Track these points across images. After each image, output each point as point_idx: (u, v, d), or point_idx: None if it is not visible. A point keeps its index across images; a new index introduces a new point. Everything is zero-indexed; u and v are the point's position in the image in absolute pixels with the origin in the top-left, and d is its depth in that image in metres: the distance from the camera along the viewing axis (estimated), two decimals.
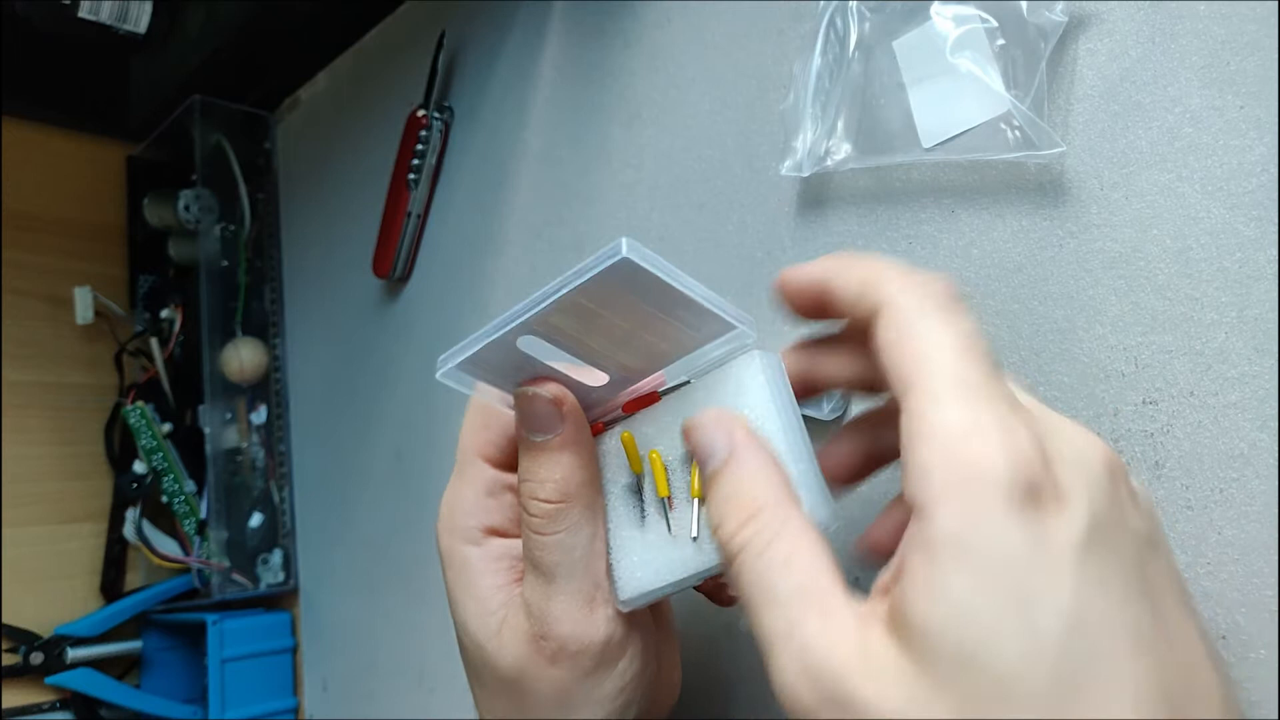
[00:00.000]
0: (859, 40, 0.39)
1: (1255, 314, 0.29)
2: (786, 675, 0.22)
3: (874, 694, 0.20)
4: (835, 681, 0.21)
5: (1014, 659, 0.19)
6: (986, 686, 0.19)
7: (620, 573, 0.30)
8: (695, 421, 0.28)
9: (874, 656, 0.21)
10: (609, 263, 0.25)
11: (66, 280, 0.81)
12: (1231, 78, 0.30)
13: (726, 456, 0.26)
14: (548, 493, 0.30)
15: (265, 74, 0.79)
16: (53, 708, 0.73)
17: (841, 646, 0.21)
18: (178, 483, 0.76)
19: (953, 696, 0.20)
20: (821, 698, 0.21)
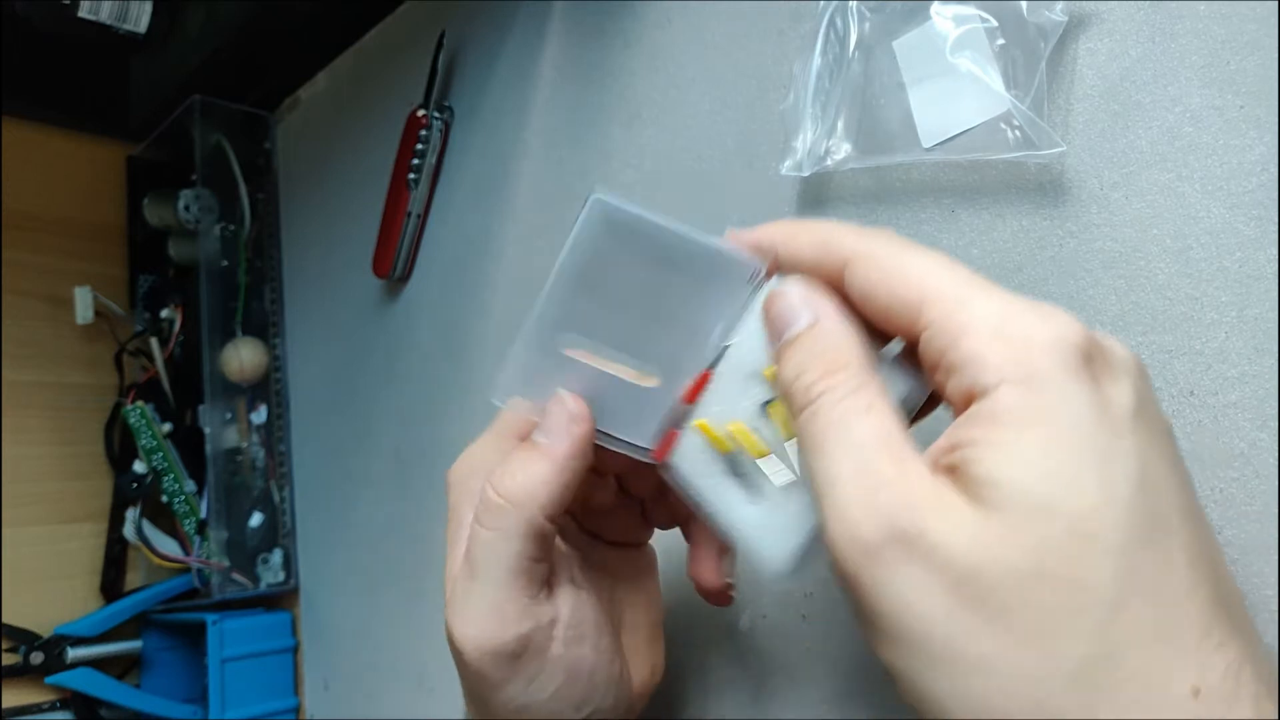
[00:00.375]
0: (859, 40, 0.39)
1: (1255, 314, 0.29)
2: (852, 511, 0.22)
3: (944, 532, 0.20)
4: (906, 517, 0.21)
5: (1090, 508, 0.20)
6: (1063, 534, 0.20)
7: (765, 551, 0.29)
8: (777, 291, 0.27)
9: (946, 499, 0.21)
10: (584, 212, 0.26)
11: (66, 280, 0.81)
12: (1231, 77, 0.30)
13: (812, 320, 0.26)
14: (505, 487, 0.30)
15: (265, 74, 0.79)
16: (53, 707, 0.73)
17: (917, 486, 0.21)
18: (178, 482, 0.76)
19: (1023, 543, 0.20)
20: (887, 533, 0.21)
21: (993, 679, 0.20)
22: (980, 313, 0.23)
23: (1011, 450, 0.21)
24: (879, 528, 0.21)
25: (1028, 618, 0.20)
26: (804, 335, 0.26)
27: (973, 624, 0.20)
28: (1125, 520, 0.20)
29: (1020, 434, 0.21)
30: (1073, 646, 0.19)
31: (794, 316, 0.26)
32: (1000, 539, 0.20)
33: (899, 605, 0.21)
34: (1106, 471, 0.20)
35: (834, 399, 0.24)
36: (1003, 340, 0.22)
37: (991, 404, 0.21)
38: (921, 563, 0.20)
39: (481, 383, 0.59)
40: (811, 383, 0.24)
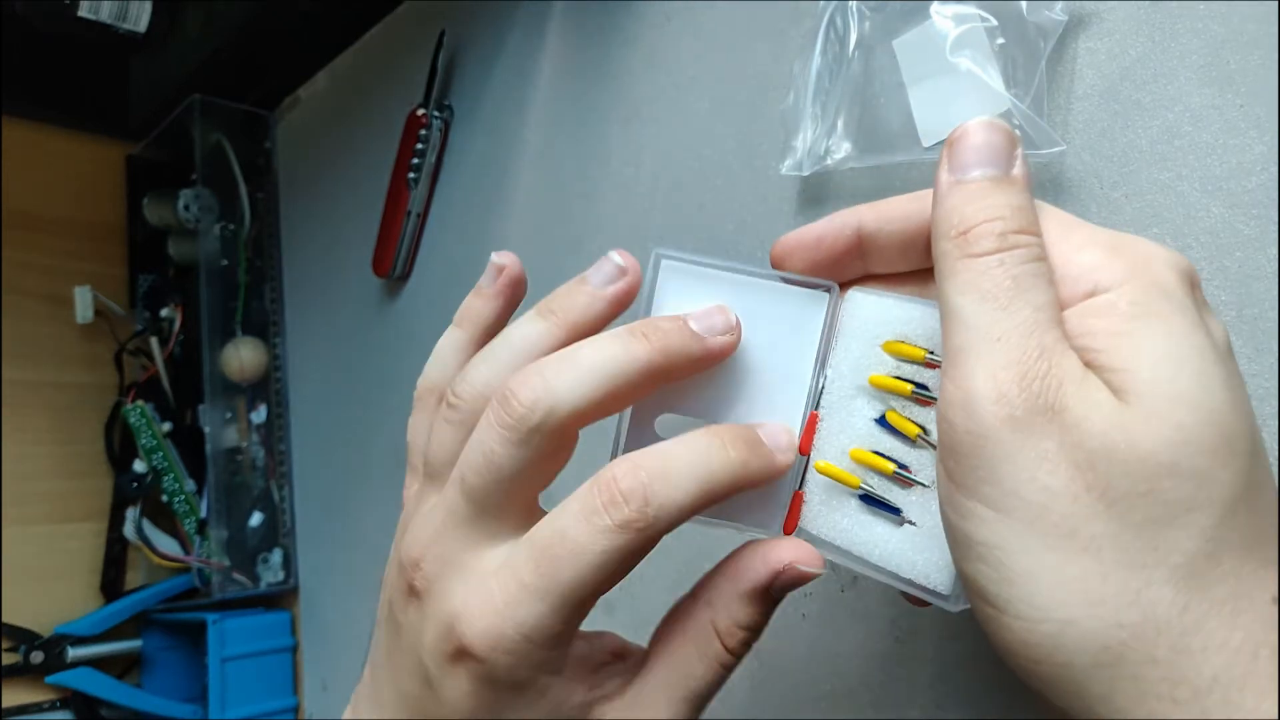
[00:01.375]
0: (859, 39, 0.39)
1: (1254, 313, 0.29)
2: (1009, 370, 0.21)
3: (1085, 411, 0.20)
4: (1059, 391, 0.20)
5: (1226, 407, 0.20)
6: (1201, 425, 0.20)
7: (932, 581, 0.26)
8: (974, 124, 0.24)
9: (1091, 381, 0.21)
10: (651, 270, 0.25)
11: (66, 279, 0.81)
12: (1231, 76, 0.30)
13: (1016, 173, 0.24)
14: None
15: (265, 73, 0.79)
16: (53, 707, 0.73)
17: (1072, 364, 0.21)
18: (178, 482, 0.76)
19: (1163, 429, 0.19)
20: (1035, 401, 0.20)
21: (1098, 560, 0.19)
22: (1095, 235, 0.23)
23: (1143, 341, 0.20)
24: (1031, 394, 0.20)
25: (1149, 507, 0.19)
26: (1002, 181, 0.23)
27: (1095, 504, 0.20)
28: (1249, 427, 0.20)
29: (1148, 326, 0.21)
30: (1185, 541, 0.19)
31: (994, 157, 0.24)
32: (1141, 427, 0.20)
33: (1025, 474, 0.20)
34: (1229, 382, 0.20)
35: (1026, 256, 0.22)
36: (1118, 253, 0.22)
37: (1114, 297, 0.21)
38: (1058, 436, 0.20)
39: None
40: (1007, 231, 0.22)
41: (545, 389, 0.24)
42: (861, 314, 0.27)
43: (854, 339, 0.28)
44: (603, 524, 0.23)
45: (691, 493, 0.24)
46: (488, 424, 0.24)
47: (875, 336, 0.27)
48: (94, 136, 0.86)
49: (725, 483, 0.25)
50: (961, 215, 0.23)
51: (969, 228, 0.23)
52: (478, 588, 0.24)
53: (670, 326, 0.26)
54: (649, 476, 0.24)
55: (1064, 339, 0.21)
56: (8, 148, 0.79)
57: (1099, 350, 0.21)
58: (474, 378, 0.26)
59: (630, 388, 0.25)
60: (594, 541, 0.23)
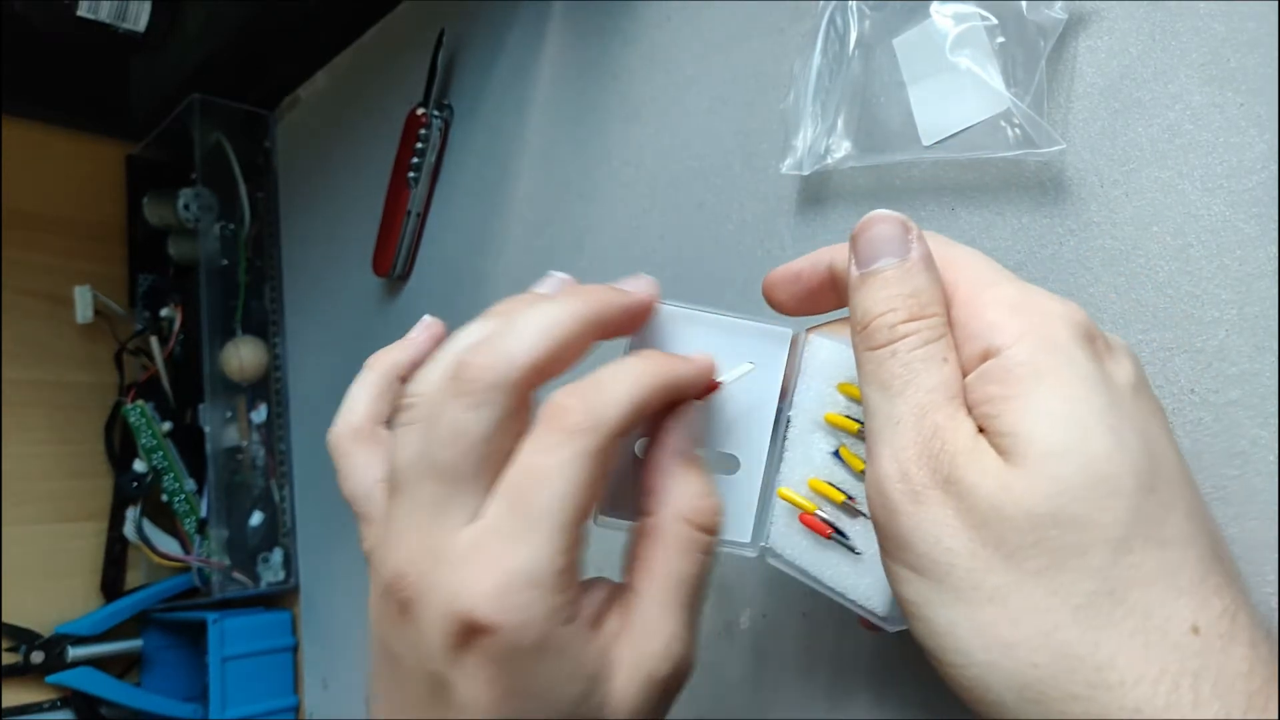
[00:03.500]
0: (859, 38, 0.39)
1: (1255, 311, 0.29)
2: (908, 451, 0.23)
3: (975, 478, 0.22)
4: (950, 464, 0.23)
5: (1103, 453, 0.21)
6: (1076, 474, 0.21)
7: (876, 606, 0.29)
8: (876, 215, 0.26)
9: (980, 450, 0.23)
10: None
11: (66, 279, 0.81)
12: (1232, 75, 0.30)
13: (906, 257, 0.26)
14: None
15: (265, 73, 0.79)
16: (53, 706, 0.73)
17: (963, 438, 0.23)
18: (178, 481, 0.76)
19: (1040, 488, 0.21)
20: (933, 478, 0.23)
21: (1004, 608, 0.21)
22: (1002, 292, 0.25)
23: (1028, 403, 0.22)
24: (928, 471, 0.23)
25: (1041, 555, 0.21)
26: (896, 271, 0.25)
27: (991, 559, 0.21)
28: (1132, 467, 0.21)
29: (1035, 386, 0.22)
30: (1079, 582, 0.21)
31: (890, 247, 0.26)
32: (1022, 485, 0.21)
33: (929, 540, 0.22)
34: (1116, 426, 0.22)
35: (916, 343, 0.24)
36: (1018, 311, 0.24)
37: (1006, 360, 0.23)
38: (954, 504, 0.22)
39: None
40: (897, 323, 0.25)
41: (496, 351, 0.25)
42: (820, 356, 0.30)
43: (815, 379, 0.30)
44: (554, 441, 0.24)
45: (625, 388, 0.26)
46: (447, 399, 0.24)
47: (831, 378, 0.30)
48: (94, 136, 0.86)
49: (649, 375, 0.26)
50: (863, 310, 0.26)
51: (867, 323, 0.25)
52: (466, 561, 0.23)
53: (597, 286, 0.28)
54: (582, 388, 0.25)
55: (958, 412, 0.24)
56: (7, 147, 0.79)
57: (994, 416, 0.23)
58: (428, 375, 0.25)
59: (574, 338, 0.26)
60: (554, 459, 0.24)
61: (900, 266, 0.25)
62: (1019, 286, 0.25)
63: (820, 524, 0.30)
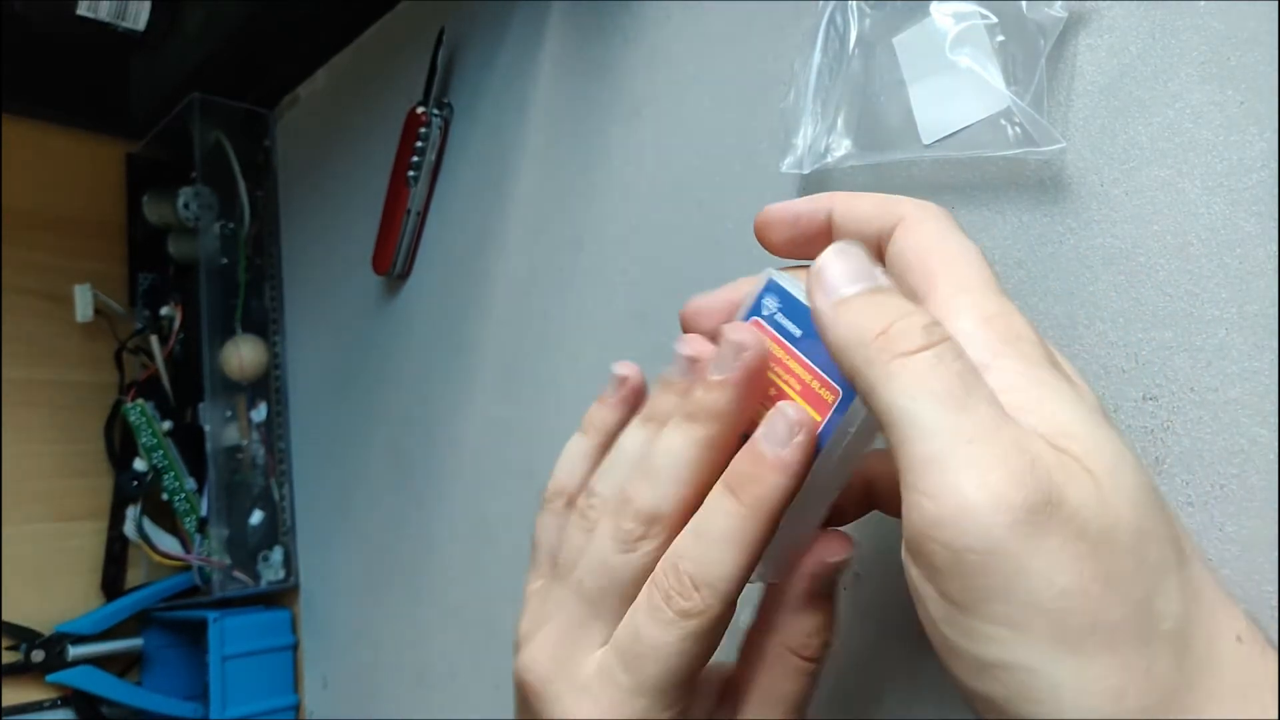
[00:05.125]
0: (859, 37, 0.39)
1: (1255, 310, 0.29)
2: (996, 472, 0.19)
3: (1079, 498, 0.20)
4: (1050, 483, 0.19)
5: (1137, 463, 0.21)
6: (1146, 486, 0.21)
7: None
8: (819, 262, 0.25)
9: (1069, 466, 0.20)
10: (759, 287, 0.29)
11: (66, 278, 0.81)
12: (1232, 73, 0.30)
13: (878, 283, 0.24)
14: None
15: (264, 71, 0.79)
16: (54, 705, 0.73)
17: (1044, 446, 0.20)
18: (178, 480, 0.76)
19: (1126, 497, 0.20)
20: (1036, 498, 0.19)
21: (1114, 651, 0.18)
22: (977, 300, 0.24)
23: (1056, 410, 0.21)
24: (1030, 491, 0.19)
25: (1144, 579, 0.19)
26: (886, 290, 0.24)
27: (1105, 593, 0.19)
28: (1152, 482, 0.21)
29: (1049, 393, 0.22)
30: (1170, 604, 0.19)
31: (864, 273, 0.24)
32: (1114, 498, 0.19)
33: (1040, 582, 0.19)
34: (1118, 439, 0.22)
35: (956, 349, 0.22)
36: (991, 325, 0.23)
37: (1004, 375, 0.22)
38: (1059, 532, 0.19)
39: (482, 380, 0.59)
40: (929, 323, 0.22)
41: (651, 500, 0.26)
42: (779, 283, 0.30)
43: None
44: (667, 618, 0.25)
45: (733, 559, 0.25)
46: (604, 534, 0.27)
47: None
48: (93, 135, 0.86)
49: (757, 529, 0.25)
50: (870, 319, 0.23)
51: (886, 327, 0.22)
52: (583, 694, 0.26)
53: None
54: (691, 565, 0.25)
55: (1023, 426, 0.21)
56: (7, 146, 0.79)
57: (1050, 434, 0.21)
58: (599, 489, 0.28)
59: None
60: (667, 635, 0.25)
61: (884, 289, 0.24)
62: (1000, 302, 0.24)
63: None
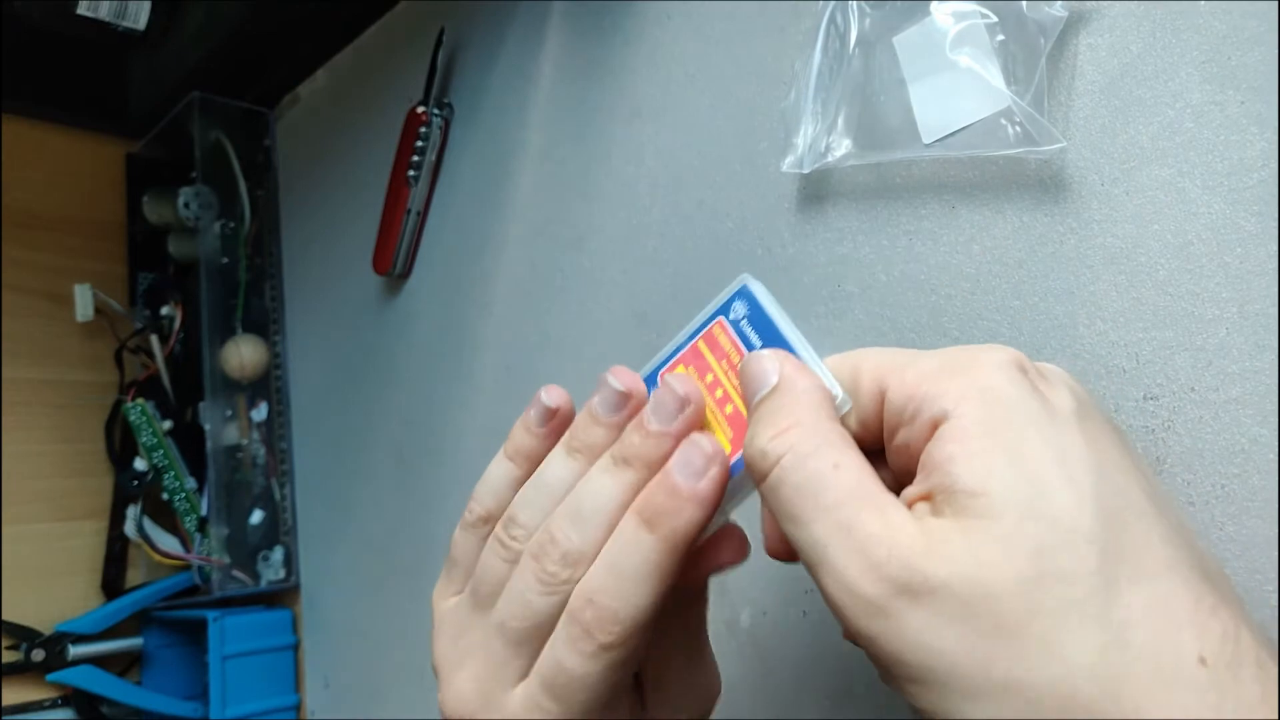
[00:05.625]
0: (859, 37, 0.39)
1: (1256, 309, 0.29)
2: (849, 574, 0.22)
3: (945, 569, 0.21)
4: (904, 568, 0.21)
5: (1067, 505, 0.21)
6: (1048, 534, 0.20)
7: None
8: (750, 356, 0.27)
9: (936, 536, 0.21)
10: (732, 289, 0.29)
11: (66, 277, 0.81)
12: (1233, 73, 0.30)
13: (776, 381, 0.26)
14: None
15: (265, 71, 0.79)
16: (54, 704, 0.73)
17: (904, 534, 0.22)
18: (178, 480, 0.76)
19: (1020, 549, 0.20)
20: (891, 589, 0.21)
21: (1022, 695, 0.20)
22: (926, 363, 0.25)
23: (988, 457, 0.22)
24: (879, 584, 0.21)
25: (1038, 624, 0.20)
26: (766, 398, 0.26)
27: (992, 649, 0.20)
28: (1092, 508, 0.21)
29: (991, 443, 0.22)
30: (1084, 639, 0.20)
31: (762, 379, 0.26)
32: (999, 550, 0.21)
33: (918, 651, 0.21)
34: (1066, 466, 0.21)
35: (799, 457, 0.24)
36: (949, 374, 0.24)
37: (956, 421, 0.23)
38: (929, 605, 0.21)
39: (482, 380, 0.59)
40: (769, 440, 0.24)
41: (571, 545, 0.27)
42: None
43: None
44: (589, 651, 0.26)
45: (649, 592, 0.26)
46: (527, 574, 0.28)
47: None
48: (93, 134, 0.86)
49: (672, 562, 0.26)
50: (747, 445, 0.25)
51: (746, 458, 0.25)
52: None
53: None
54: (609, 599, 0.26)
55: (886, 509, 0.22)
56: (7, 146, 0.79)
57: (955, 475, 0.22)
58: (522, 520, 0.29)
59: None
60: (590, 666, 0.26)
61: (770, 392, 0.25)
62: (938, 352, 0.25)
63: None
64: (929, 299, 0.37)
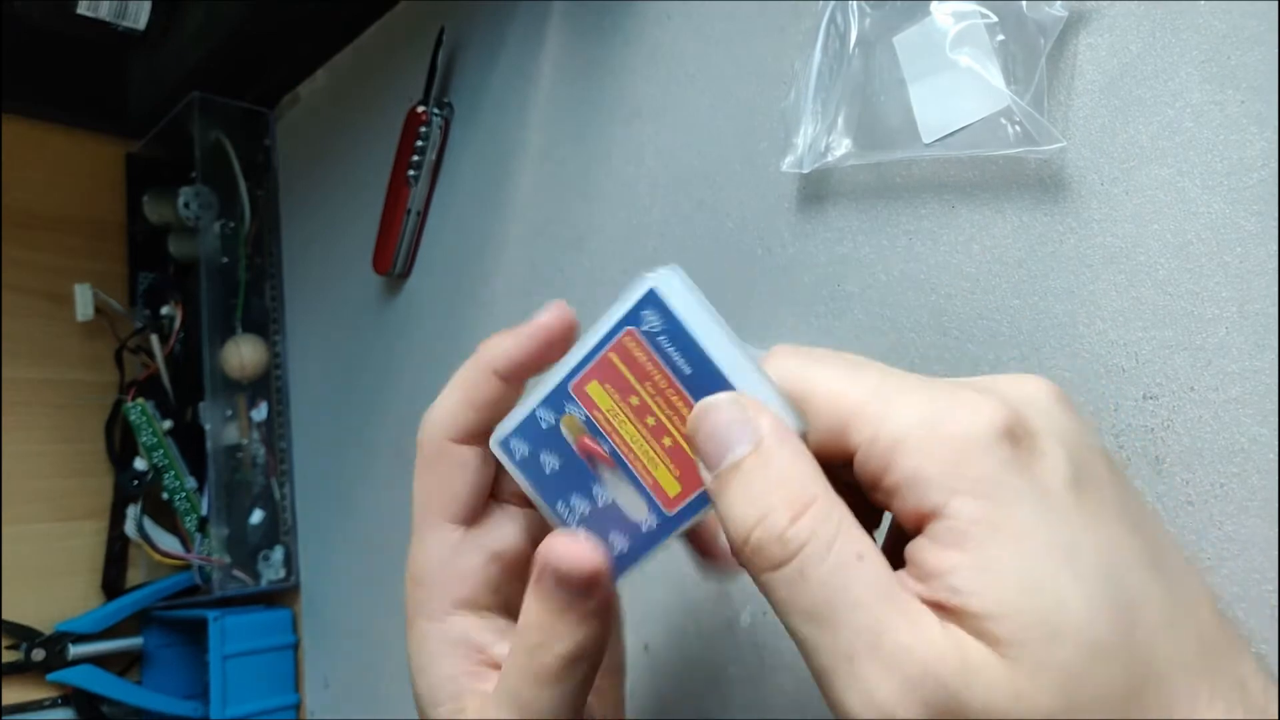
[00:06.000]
0: (859, 36, 0.39)
1: (1256, 309, 0.29)
2: (880, 693, 0.19)
3: (981, 697, 0.19)
4: (940, 689, 0.19)
5: (1083, 615, 0.19)
6: (1073, 658, 0.19)
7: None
8: (709, 403, 0.23)
9: (969, 655, 0.19)
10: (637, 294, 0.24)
11: (67, 277, 0.81)
12: (1232, 72, 0.30)
13: (757, 442, 0.22)
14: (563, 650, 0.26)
15: (264, 70, 0.79)
16: (54, 704, 0.73)
17: (936, 648, 0.19)
18: (179, 479, 0.76)
19: (1050, 681, 0.19)
20: (927, 712, 0.19)
21: None
22: (905, 420, 0.21)
23: (998, 574, 0.20)
24: (915, 707, 0.19)
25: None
26: (750, 461, 0.22)
27: None
28: (1108, 616, 0.19)
29: (996, 551, 0.20)
30: None
31: (732, 436, 0.22)
32: (1032, 683, 0.19)
33: None
34: (1074, 563, 0.20)
35: (821, 548, 0.21)
36: (936, 448, 0.21)
37: (953, 523, 0.20)
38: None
39: None
40: (783, 530, 0.21)
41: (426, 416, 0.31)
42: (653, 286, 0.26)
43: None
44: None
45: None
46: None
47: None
48: (93, 134, 0.86)
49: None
50: (737, 520, 0.22)
51: (747, 535, 0.21)
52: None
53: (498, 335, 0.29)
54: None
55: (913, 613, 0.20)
56: (7, 145, 0.79)
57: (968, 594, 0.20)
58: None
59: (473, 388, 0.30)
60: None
61: (754, 455, 0.22)
62: (917, 404, 0.21)
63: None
64: (929, 298, 0.37)
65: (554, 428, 0.27)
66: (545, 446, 0.27)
